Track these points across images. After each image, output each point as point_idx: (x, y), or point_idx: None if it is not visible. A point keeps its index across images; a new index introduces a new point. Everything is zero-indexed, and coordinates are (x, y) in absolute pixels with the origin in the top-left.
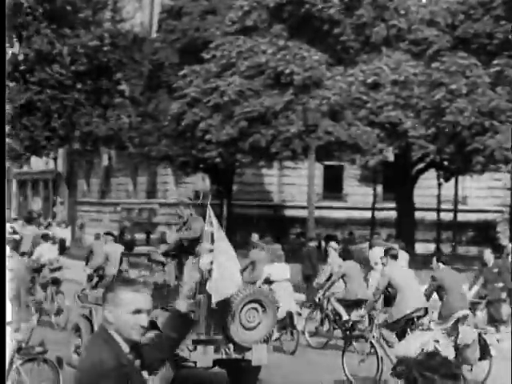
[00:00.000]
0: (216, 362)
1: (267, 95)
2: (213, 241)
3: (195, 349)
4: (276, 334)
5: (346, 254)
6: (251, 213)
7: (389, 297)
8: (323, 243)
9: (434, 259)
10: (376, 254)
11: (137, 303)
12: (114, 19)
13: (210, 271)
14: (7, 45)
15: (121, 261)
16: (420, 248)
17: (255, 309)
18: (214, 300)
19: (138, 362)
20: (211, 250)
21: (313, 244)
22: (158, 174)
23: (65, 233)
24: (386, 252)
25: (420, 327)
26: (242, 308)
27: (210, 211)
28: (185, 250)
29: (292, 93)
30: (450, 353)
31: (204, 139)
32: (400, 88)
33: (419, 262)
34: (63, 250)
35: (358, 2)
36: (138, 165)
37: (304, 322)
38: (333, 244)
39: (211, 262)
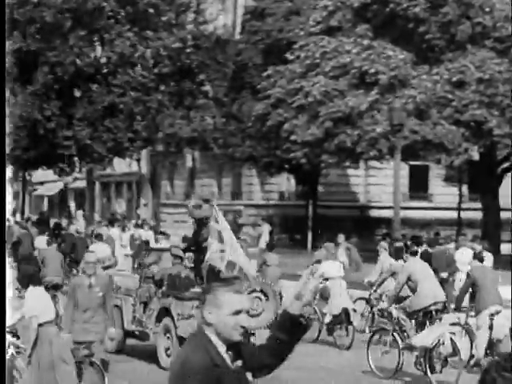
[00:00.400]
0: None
1: (352, 95)
2: (220, 238)
3: None
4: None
5: (397, 253)
6: (337, 214)
7: (473, 294)
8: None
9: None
10: (463, 254)
11: (238, 304)
12: (197, 21)
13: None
14: (85, 48)
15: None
16: (505, 249)
17: (258, 297)
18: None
19: (239, 362)
20: (211, 244)
21: (398, 245)
22: (242, 175)
23: (149, 234)
24: (406, 249)
25: (438, 320)
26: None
27: (216, 210)
28: (201, 246)
29: (377, 92)
30: (464, 346)
31: (289, 140)
32: (485, 86)
33: (504, 263)
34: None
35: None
36: (223, 166)
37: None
38: (383, 244)
39: (221, 256)
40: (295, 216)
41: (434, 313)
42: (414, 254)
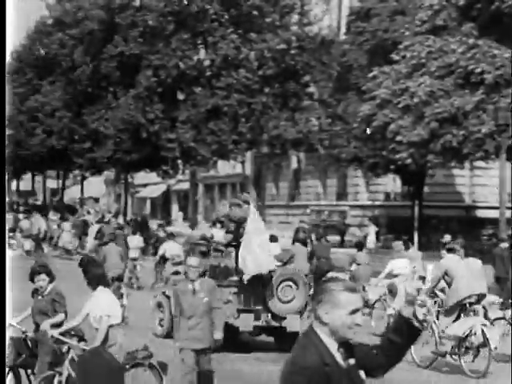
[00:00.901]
0: (258, 328)
1: (457, 95)
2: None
3: (238, 316)
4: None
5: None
6: (442, 214)
7: None
8: None
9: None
10: None
11: (354, 303)
12: (302, 22)
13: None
14: (188, 51)
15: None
16: None
17: (290, 286)
18: (244, 277)
19: (352, 361)
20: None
21: (504, 245)
22: (348, 176)
23: None
24: (443, 247)
25: (471, 312)
26: (279, 285)
27: (252, 210)
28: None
29: (483, 92)
30: (494, 337)
31: (394, 140)
32: None
33: None
34: None
35: None
36: (328, 167)
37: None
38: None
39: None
40: (401, 216)
41: (467, 305)
42: (451, 251)
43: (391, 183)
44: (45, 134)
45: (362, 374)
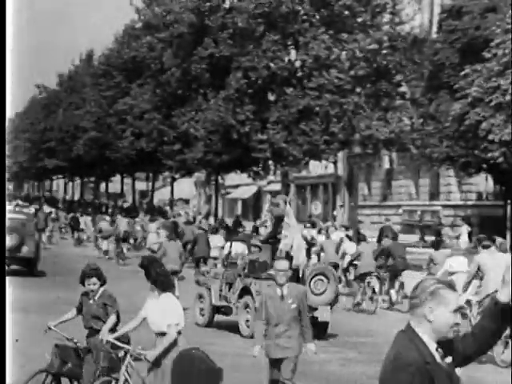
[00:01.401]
0: None
1: None
2: (289, 229)
3: None
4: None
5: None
6: None
7: None
8: None
9: None
10: None
11: (456, 302)
12: (393, 22)
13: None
14: (280, 52)
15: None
16: None
17: (321, 280)
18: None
19: (449, 359)
20: (286, 236)
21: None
22: (440, 176)
23: (339, 235)
24: (479, 242)
25: None
26: (312, 279)
27: (287, 208)
28: (277, 238)
29: None
30: None
31: (486, 139)
32: None
33: None
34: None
35: None
36: (420, 166)
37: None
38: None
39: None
40: (493, 216)
41: None
42: (486, 247)
43: (483, 182)
44: (134, 136)
45: (458, 371)
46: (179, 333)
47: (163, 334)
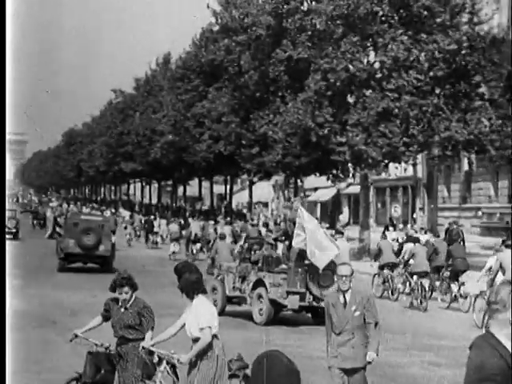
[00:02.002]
0: (302, 307)
1: None
2: (303, 229)
3: (287, 297)
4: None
5: None
6: None
7: None
8: None
9: None
10: None
11: None
12: (472, 22)
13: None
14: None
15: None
16: None
17: (328, 274)
18: (320, 267)
19: None
20: (298, 234)
21: None
22: None
23: (425, 238)
24: (503, 243)
25: None
26: (320, 274)
27: (301, 210)
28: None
29: None
30: None
31: None
32: None
33: None
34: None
35: None
36: (499, 168)
37: None
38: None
39: (304, 243)
40: None
41: None
42: (509, 246)
43: None
44: (212, 139)
45: None
46: (215, 336)
47: (197, 340)
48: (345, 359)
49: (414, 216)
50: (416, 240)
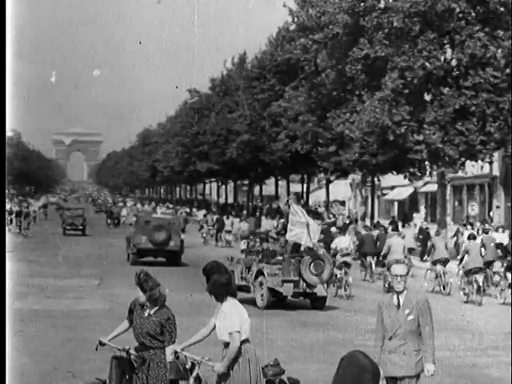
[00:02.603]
0: (297, 294)
1: None
2: (296, 224)
3: (283, 285)
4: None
5: None
6: None
7: None
8: None
9: None
10: None
11: None
12: None
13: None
14: (438, 52)
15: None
16: None
17: (319, 263)
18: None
19: None
20: (291, 229)
21: None
22: None
23: (501, 237)
24: None
25: None
26: (311, 263)
27: (293, 207)
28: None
29: None
30: None
31: None
32: None
33: None
34: None
35: None
36: None
37: None
38: None
39: (297, 237)
40: None
41: None
42: None
43: None
44: (288, 138)
45: None
46: (246, 341)
47: (227, 344)
48: (394, 366)
49: (491, 214)
50: (473, 237)
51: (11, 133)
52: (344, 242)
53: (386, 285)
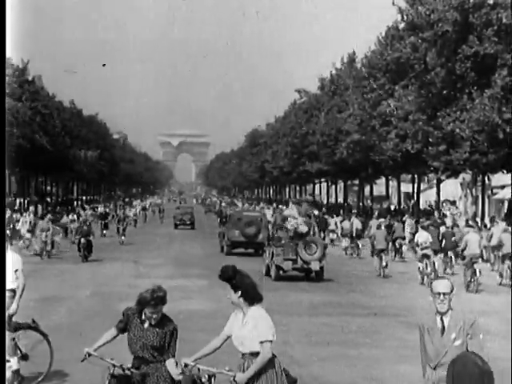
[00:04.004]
0: (295, 269)
1: None
2: (293, 217)
3: (283, 262)
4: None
5: None
6: None
7: None
8: None
9: None
10: None
11: None
12: None
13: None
14: None
15: None
16: None
17: (312, 245)
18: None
19: None
20: (289, 221)
21: None
22: None
23: None
24: None
25: None
26: (306, 245)
27: (292, 207)
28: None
29: None
30: None
31: None
32: None
33: None
34: None
35: None
36: None
37: None
38: None
39: (294, 227)
40: None
41: None
42: None
43: None
44: (398, 138)
45: None
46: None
47: (255, 354)
48: None
49: None
50: None
51: (117, 135)
52: (424, 237)
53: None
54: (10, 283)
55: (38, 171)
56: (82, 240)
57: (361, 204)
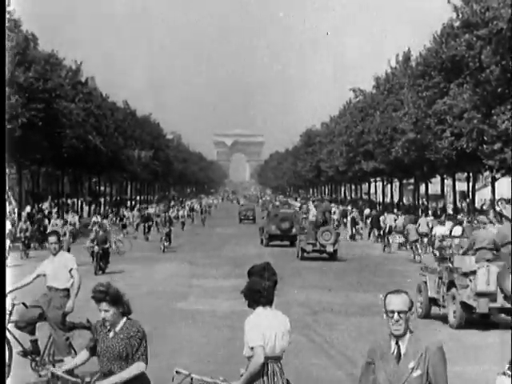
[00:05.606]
0: (314, 251)
1: None
2: (312, 212)
3: (306, 245)
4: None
5: None
6: None
7: None
8: None
9: None
10: None
11: None
12: None
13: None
14: None
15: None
16: None
17: (328, 232)
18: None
19: None
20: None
21: None
22: None
23: None
24: None
25: None
26: (323, 232)
27: (309, 204)
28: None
29: None
30: None
31: None
32: None
33: None
34: None
35: None
36: None
37: None
38: None
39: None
40: None
41: None
42: None
43: None
44: (453, 136)
45: None
46: (274, 359)
47: (250, 359)
48: None
49: None
50: None
51: (171, 135)
52: (441, 230)
53: None
54: (64, 283)
55: (92, 172)
56: (96, 248)
57: (416, 203)
